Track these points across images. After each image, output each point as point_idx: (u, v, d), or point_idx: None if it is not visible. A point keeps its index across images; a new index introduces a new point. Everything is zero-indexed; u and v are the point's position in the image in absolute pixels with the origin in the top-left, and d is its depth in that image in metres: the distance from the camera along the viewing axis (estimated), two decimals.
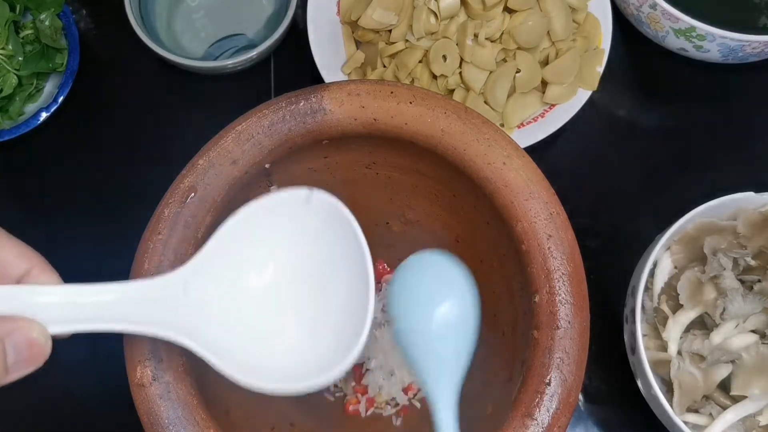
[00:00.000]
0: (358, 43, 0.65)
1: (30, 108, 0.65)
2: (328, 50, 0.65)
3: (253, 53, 0.63)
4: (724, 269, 0.54)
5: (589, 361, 0.45)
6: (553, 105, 0.63)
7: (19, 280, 0.36)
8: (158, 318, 0.37)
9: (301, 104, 0.47)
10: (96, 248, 0.64)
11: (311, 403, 0.57)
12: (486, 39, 0.60)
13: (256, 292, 0.41)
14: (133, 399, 0.44)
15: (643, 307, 0.56)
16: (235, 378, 0.37)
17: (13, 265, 0.36)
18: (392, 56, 0.63)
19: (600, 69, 0.64)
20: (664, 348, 0.55)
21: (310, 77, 0.66)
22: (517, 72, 0.62)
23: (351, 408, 0.57)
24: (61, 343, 0.36)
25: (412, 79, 0.62)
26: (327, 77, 0.63)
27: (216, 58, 0.66)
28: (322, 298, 0.41)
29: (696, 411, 0.54)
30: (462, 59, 0.61)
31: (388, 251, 0.60)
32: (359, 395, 0.57)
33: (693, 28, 0.60)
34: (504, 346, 0.51)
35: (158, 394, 0.43)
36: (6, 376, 0.34)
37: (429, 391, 0.39)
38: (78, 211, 0.66)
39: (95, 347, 0.61)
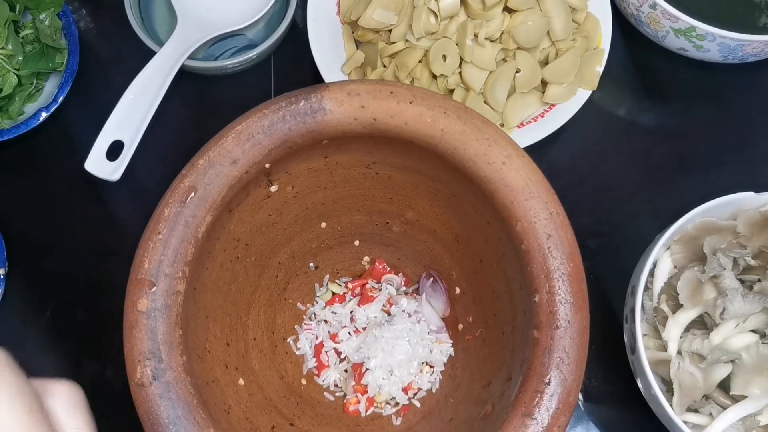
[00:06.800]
0: (358, 43, 0.65)
1: (30, 108, 0.65)
2: (328, 50, 0.65)
3: (253, 53, 0.63)
4: (724, 269, 0.54)
5: (589, 361, 0.45)
6: (553, 105, 0.63)
7: None
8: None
9: (301, 104, 0.47)
10: (95, 245, 0.65)
11: (311, 402, 0.57)
12: (486, 39, 0.60)
13: None
14: (133, 399, 0.44)
15: (643, 306, 0.56)
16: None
17: None
18: (392, 56, 0.63)
19: (600, 69, 0.64)
20: (664, 348, 0.55)
21: (310, 77, 0.66)
22: (517, 72, 0.62)
23: (351, 408, 0.57)
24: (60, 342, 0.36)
25: (412, 79, 0.62)
26: (327, 77, 0.63)
27: (216, 58, 0.66)
28: None
29: (696, 411, 0.54)
30: (462, 59, 0.61)
31: (388, 251, 0.60)
32: (359, 395, 0.57)
33: (693, 28, 0.60)
34: (504, 346, 0.51)
35: (158, 394, 0.43)
36: None
37: None
38: (78, 210, 0.66)
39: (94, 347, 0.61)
